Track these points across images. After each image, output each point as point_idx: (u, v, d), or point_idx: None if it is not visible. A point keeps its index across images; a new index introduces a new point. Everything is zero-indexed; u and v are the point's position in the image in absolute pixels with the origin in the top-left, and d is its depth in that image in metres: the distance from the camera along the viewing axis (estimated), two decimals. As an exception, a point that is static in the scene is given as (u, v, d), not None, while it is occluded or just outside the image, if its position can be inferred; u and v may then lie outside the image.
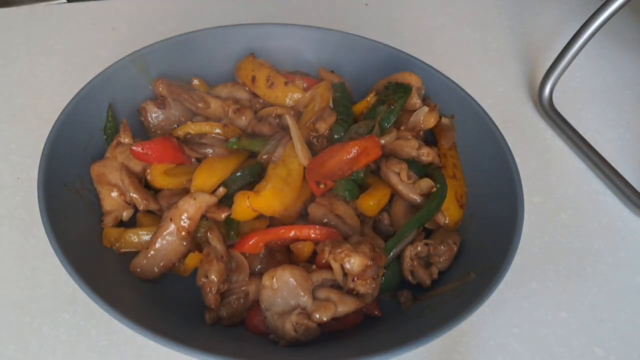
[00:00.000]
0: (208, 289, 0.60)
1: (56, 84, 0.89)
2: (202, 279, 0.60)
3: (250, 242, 0.63)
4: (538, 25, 1.10)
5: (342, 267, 0.59)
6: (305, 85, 0.79)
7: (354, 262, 0.58)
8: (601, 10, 0.85)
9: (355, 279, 0.59)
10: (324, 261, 0.61)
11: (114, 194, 0.66)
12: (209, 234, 0.62)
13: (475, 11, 1.12)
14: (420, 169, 0.72)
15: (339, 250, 0.59)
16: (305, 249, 0.64)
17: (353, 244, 0.60)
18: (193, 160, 0.71)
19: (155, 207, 0.67)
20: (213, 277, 0.59)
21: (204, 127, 0.74)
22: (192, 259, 0.63)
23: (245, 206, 0.63)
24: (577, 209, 0.80)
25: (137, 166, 0.69)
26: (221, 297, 0.61)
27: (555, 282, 0.71)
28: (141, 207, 0.67)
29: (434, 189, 0.68)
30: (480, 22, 1.10)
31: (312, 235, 0.63)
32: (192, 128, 0.74)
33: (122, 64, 0.75)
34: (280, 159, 0.67)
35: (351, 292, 0.60)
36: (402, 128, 0.75)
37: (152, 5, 1.05)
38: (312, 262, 0.64)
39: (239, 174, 0.68)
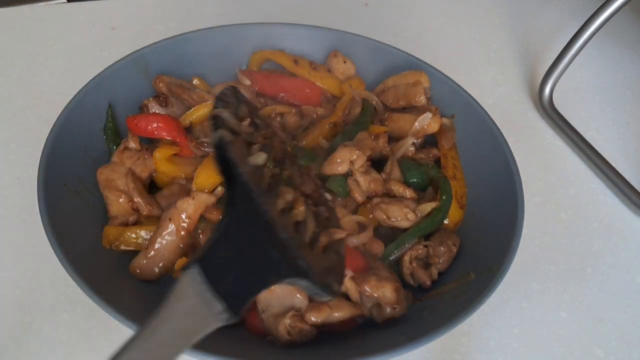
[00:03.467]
0: None
1: (56, 84, 0.89)
2: None
3: None
4: (538, 25, 1.10)
5: (367, 295, 0.58)
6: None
7: (387, 291, 0.58)
8: (601, 10, 0.84)
9: (396, 306, 0.58)
10: (343, 290, 0.60)
11: (122, 199, 0.66)
12: (201, 235, 0.62)
13: (475, 11, 1.12)
14: (422, 175, 0.71)
15: (367, 287, 0.58)
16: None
17: (375, 274, 0.59)
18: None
19: (158, 213, 0.67)
20: None
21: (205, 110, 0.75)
22: (182, 264, 0.62)
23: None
24: (577, 209, 0.80)
25: (143, 172, 0.69)
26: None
27: (555, 282, 0.71)
28: (144, 212, 0.67)
29: (438, 205, 0.67)
30: (480, 22, 1.10)
31: None
32: (195, 114, 0.75)
33: (122, 64, 0.75)
34: None
35: (389, 320, 0.59)
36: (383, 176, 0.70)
37: (152, 5, 1.05)
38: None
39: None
